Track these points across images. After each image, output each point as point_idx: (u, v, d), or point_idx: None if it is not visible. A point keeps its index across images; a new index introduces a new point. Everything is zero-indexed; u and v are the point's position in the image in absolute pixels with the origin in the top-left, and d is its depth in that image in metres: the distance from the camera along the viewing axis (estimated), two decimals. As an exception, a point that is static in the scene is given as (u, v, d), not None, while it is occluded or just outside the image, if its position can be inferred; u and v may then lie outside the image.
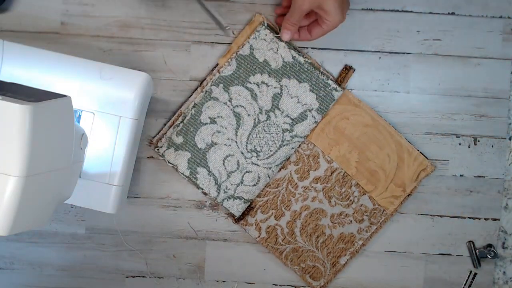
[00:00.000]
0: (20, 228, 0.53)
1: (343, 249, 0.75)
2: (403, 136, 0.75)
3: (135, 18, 0.74)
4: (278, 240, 0.75)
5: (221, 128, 0.74)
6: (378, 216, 0.75)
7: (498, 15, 0.75)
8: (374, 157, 0.75)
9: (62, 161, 0.57)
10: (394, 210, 0.75)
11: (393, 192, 0.75)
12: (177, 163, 0.74)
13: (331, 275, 0.76)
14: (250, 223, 0.75)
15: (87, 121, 0.67)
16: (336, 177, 0.75)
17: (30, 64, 0.67)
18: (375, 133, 0.74)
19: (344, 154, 0.75)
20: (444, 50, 0.76)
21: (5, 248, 0.77)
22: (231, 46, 0.74)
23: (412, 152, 0.75)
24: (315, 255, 0.75)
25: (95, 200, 0.68)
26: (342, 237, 0.75)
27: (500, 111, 0.76)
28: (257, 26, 0.74)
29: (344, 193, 0.75)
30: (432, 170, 0.75)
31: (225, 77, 0.74)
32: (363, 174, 0.75)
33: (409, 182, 0.75)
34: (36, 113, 0.50)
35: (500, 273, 0.78)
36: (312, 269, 0.75)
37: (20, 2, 0.74)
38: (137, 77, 0.67)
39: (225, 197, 0.74)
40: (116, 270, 0.77)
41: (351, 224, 0.75)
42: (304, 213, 0.75)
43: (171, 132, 0.74)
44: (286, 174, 0.75)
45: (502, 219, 0.77)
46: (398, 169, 0.75)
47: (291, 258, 0.75)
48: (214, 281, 0.78)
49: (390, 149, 0.74)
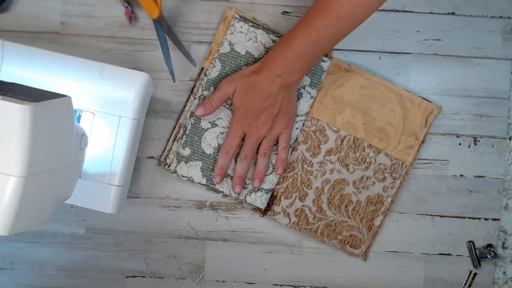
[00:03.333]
0: (20, 228, 0.53)
1: (374, 211, 0.75)
2: (401, 87, 0.74)
3: (135, 17, 0.74)
4: (309, 220, 0.75)
5: (223, 129, 0.74)
6: (398, 170, 0.75)
7: (498, 15, 0.75)
8: (379, 115, 0.74)
9: (62, 161, 0.57)
10: (412, 160, 0.75)
11: (406, 143, 0.75)
12: (191, 175, 0.74)
13: (370, 239, 0.76)
14: (277, 212, 0.75)
15: (87, 121, 0.67)
16: (347, 144, 0.74)
17: (30, 64, 0.67)
18: (373, 92, 0.74)
19: (348, 120, 0.74)
20: (444, 50, 0.76)
21: (5, 248, 0.77)
22: (211, 47, 0.74)
23: (414, 99, 0.74)
24: (349, 224, 0.75)
25: (95, 200, 0.68)
26: (370, 200, 0.75)
27: (500, 111, 0.76)
28: (230, 21, 0.73)
29: (359, 158, 0.75)
30: (438, 111, 0.74)
31: (213, 79, 0.73)
32: (373, 134, 0.75)
33: (419, 129, 0.75)
34: (36, 113, 0.50)
35: (500, 273, 0.78)
36: (350, 238, 0.75)
37: (20, 2, 0.74)
38: (137, 77, 0.67)
39: (246, 193, 0.74)
40: (116, 270, 0.77)
41: (375, 185, 0.75)
42: (326, 187, 0.75)
43: (177, 146, 0.74)
44: (299, 155, 0.75)
45: (502, 219, 0.77)
46: (405, 120, 0.74)
47: (327, 234, 0.75)
48: (214, 281, 0.78)
49: (392, 103, 0.74)
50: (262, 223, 0.77)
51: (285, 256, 0.77)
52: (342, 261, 0.77)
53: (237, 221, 0.77)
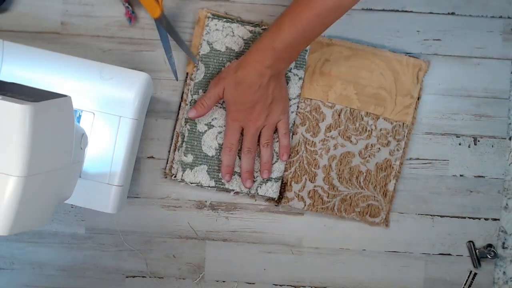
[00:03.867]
0: (20, 228, 0.53)
1: (386, 176, 0.75)
2: (385, 50, 0.75)
3: (135, 18, 0.74)
4: (324, 199, 0.75)
5: (220, 128, 0.74)
6: (400, 131, 0.75)
7: (498, 15, 0.75)
8: (369, 81, 0.74)
9: (62, 161, 0.57)
10: (412, 119, 0.75)
11: (403, 103, 0.75)
12: (199, 180, 0.74)
13: (388, 205, 0.76)
14: (291, 198, 0.75)
15: (87, 121, 0.67)
16: (344, 117, 0.75)
17: (30, 64, 0.67)
18: (359, 60, 0.74)
19: (341, 93, 0.75)
20: (444, 50, 0.76)
21: (5, 248, 0.77)
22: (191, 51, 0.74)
23: (401, 59, 0.74)
24: (363, 194, 0.75)
25: (95, 200, 0.68)
26: (379, 166, 0.75)
27: (500, 111, 0.76)
28: (204, 21, 0.73)
29: (359, 128, 0.75)
30: (428, 65, 0.74)
31: (200, 82, 0.73)
32: (368, 101, 0.75)
33: (413, 87, 0.75)
34: (36, 113, 0.50)
35: (500, 273, 0.78)
36: (367, 208, 0.76)
37: (20, 2, 0.74)
38: (137, 77, 0.67)
39: (257, 186, 0.74)
40: (116, 270, 0.77)
41: (381, 151, 0.75)
42: (333, 163, 0.75)
43: (179, 155, 0.74)
44: (299, 138, 0.75)
45: (502, 219, 0.77)
46: (396, 81, 0.74)
47: (344, 209, 0.75)
48: (214, 281, 0.78)
49: (380, 67, 0.74)
50: (262, 223, 0.77)
51: (285, 256, 0.77)
52: (342, 261, 0.77)
53: (237, 221, 0.77)
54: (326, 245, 0.77)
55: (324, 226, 0.77)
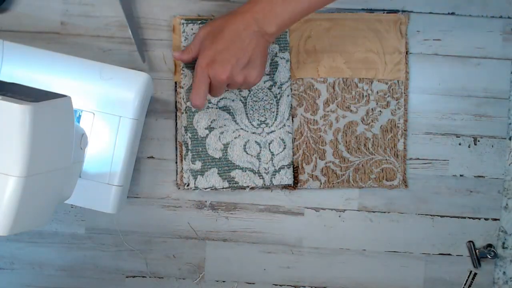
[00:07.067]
0: (20, 228, 0.53)
1: (393, 137, 0.75)
2: (363, 12, 0.75)
3: (135, 17, 0.74)
4: (337, 173, 0.75)
5: (220, 128, 0.74)
6: (397, 89, 0.75)
7: (498, 15, 0.75)
8: (355, 47, 0.75)
9: (62, 161, 0.57)
10: (406, 73, 0.75)
11: (392, 61, 0.75)
12: (212, 184, 0.74)
13: (403, 165, 0.76)
14: (305, 180, 0.75)
15: (87, 121, 0.67)
16: (339, 88, 0.75)
17: (30, 64, 0.67)
18: (340, 29, 0.75)
19: (330, 65, 0.75)
20: (444, 50, 0.76)
21: (5, 248, 0.77)
22: (174, 61, 0.74)
23: (381, 18, 0.75)
24: (375, 160, 0.75)
25: (95, 200, 0.68)
26: (384, 129, 0.75)
27: (500, 111, 0.76)
28: (179, 28, 0.73)
29: (356, 95, 0.75)
30: (407, 18, 0.74)
31: (189, 88, 0.73)
32: (358, 68, 0.75)
33: (398, 42, 0.75)
34: (36, 113, 0.50)
35: (500, 273, 0.78)
36: (383, 173, 0.76)
37: (20, 2, 0.74)
38: (137, 77, 0.67)
39: (270, 177, 0.74)
40: (116, 270, 0.77)
41: (382, 113, 0.75)
42: (339, 136, 0.75)
43: (187, 164, 0.74)
44: (300, 119, 0.75)
45: (502, 219, 0.77)
46: (381, 40, 0.75)
47: (360, 178, 0.76)
48: (214, 281, 0.78)
49: (362, 31, 0.74)
50: (262, 223, 0.77)
51: (285, 256, 0.77)
52: (342, 261, 0.77)
53: (237, 221, 0.77)
54: (326, 245, 0.77)
55: (324, 226, 0.77)
